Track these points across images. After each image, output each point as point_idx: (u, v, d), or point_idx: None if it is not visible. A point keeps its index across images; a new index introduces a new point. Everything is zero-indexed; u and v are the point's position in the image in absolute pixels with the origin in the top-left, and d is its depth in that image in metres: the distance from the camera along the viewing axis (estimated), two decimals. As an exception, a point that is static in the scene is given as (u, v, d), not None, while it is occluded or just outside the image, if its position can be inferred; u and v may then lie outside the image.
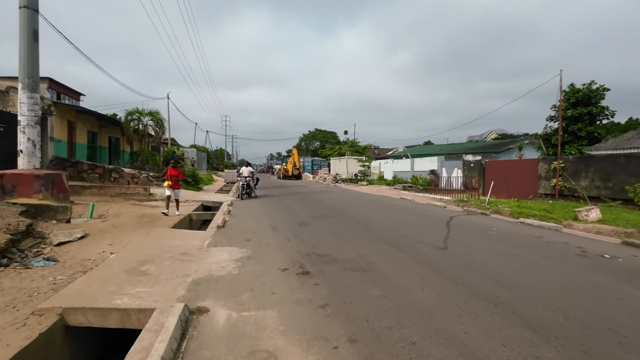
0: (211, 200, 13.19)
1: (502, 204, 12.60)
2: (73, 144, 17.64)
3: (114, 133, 22.07)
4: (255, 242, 6.07)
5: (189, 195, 14.17)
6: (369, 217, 9.08)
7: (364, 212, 10.11)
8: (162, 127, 21.52)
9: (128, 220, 7.24)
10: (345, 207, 11.34)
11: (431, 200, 14.03)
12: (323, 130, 64.52)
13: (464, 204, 13.09)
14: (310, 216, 9.19)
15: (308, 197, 15.45)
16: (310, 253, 5.27)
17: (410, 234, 6.87)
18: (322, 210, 10.62)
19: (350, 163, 35.63)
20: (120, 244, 5.53)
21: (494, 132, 60.03)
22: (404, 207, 11.71)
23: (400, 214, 9.86)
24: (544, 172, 17.13)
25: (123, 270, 4.15)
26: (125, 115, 20.20)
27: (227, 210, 9.97)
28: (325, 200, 13.70)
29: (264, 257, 5.03)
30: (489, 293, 3.70)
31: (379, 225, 7.89)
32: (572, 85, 25.16)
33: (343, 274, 4.27)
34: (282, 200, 13.61)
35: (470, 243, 6.15)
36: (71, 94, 25.35)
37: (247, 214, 9.63)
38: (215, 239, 6.29)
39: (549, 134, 27.38)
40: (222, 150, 70.23)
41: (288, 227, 7.54)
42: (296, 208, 11.07)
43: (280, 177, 38.98)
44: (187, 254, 5.07)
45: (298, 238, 6.39)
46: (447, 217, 9.30)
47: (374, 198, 15.06)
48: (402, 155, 38.18)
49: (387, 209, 10.94)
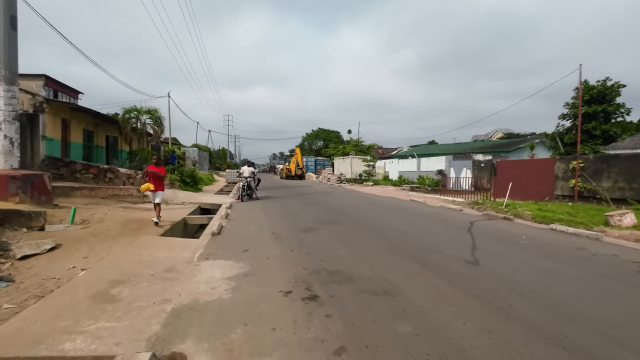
0: (209, 202, 12.42)
1: (520, 206, 11.71)
2: (67, 143, 16.94)
3: (111, 132, 21.38)
4: (253, 253, 5.26)
5: (187, 196, 13.41)
6: (381, 223, 8.24)
7: (375, 217, 9.28)
8: (160, 125, 20.78)
9: (112, 226, 6.45)
10: (353, 210, 10.51)
11: (444, 203, 13.16)
12: (326, 129, 63.68)
13: (479, 207, 12.21)
14: (315, 221, 8.37)
15: (312, 198, 14.64)
16: (318, 269, 4.45)
17: (432, 243, 6.03)
18: (328, 213, 9.80)
19: (355, 163, 34.77)
20: (96, 257, 4.74)
21: (500, 131, 58.99)
22: (417, 210, 10.86)
23: (415, 218, 9.02)
24: (561, 172, 16.18)
25: (88, 295, 3.35)
26: (122, 113, 19.45)
27: (225, 213, 9.18)
28: (330, 202, 12.88)
29: (263, 275, 4.22)
30: (552, 330, 2.86)
31: (394, 232, 7.05)
32: (585, 82, 24.11)
33: (360, 300, 3.44)
34: (284, 202, 12.80)
35: (503, 256, 5.30)
36: (69, 91, 24.70)
37: (246, 218, 8.83)
38: (208, 249, 5.48)
39: (561, 132, 26.38)
40: (224, 150, 69.59)
41: (291, 235, 6.72)
42: (300, 211, 10.26)
43: (283, 177, 38.18)
44: (172, 270, 4.27)
45: (303, 248, 5.57)
46: (467, 222, 8.45)
47: (382, 200, 14.22)
48: (408, 154, 37.27)
49: (399, 213, 10.10)
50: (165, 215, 9.04)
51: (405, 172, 31.58)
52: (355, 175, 32.52)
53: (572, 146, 23.44)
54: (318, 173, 41.90)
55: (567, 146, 24.27)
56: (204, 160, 48.87)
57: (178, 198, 12.58)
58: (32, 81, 21.20)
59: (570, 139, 23.79)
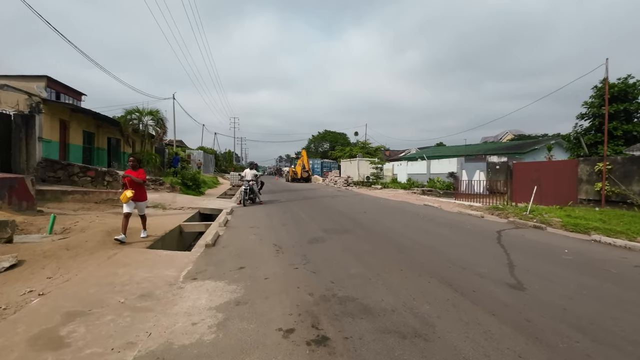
0: (210, 207, 11.68)
1: (546, 212, 10.73)
2: (66, 145, 16.42)
3: (113, 134, 20.89)
4: (250, 271, 4.45)
5: (187, 200, 12.70)
6: (396, 232, 7.36)
7: (388, 224, 8.40)
8: (163, 127, 20.20)
9: (93, 236, 5.70)
10: (364, 217, 9.64)
11: (460, 208, 12.21)
12: (332, 131, 62.84)
13: (500, 212, 11.25)
14: (322, 229, 7.53)
15: (319, 203, 13.81)
16: (327, 295, 3.61)
17: (460, 258, 5.14)
18: (337, 220, 8.95)
19: (362, 165, 33.88)
20: (62, 277, 3.98)
21: (510, 133, 57.61)
22: (434, 216, 9.94)
23: (434, 226, 8.11)
24: (585, 174, 15.13)
25: (29, 336, 2.56)
26: (124, 114, 18.91)
27: (224, 220, 8.40)
28: (338, 207, 12.03)
29: (259, 303, 3.39)
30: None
31: (412, 244, 6.17)
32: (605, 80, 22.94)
33: (385, 345, 2.59)
34: (289, 207, 11.99)
35: (549, 276, 4.39)
36: (71, 93, 24.37)
37: (246, 226, 8.03)
38: (198, 265, 4.69)
39: (579, 133, 25.18)
40: (230, 153, 69.26)
41: (296, 247, 5.90)
42: (306, 217, 9.43)
43: (289, 179, 37.45)
44: (148, 297, 3.48)
45: (309, 265, 4.74)
46: (493, 231, 7.52)
47: (393, 204, 13.32)
48: (417, 156, 36.25)
49: (415, 220, 9.20)
50: (159, 222, 8.31)
51: (414, 174, 30.61)
52: (362, 177, 31.63)
53: (590, 147, 22.20)
54: (324, 176, 41.07)
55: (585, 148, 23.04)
56: (209, 163, 48.49)
57: (177, 202, 11.88)
58: (34, 82, 20.85)
59: (590, 140, 22.55)
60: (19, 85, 15.68)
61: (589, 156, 20.63)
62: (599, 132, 22.81)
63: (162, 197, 12.68)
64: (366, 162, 33.71)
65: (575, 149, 24.86)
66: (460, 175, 25.45)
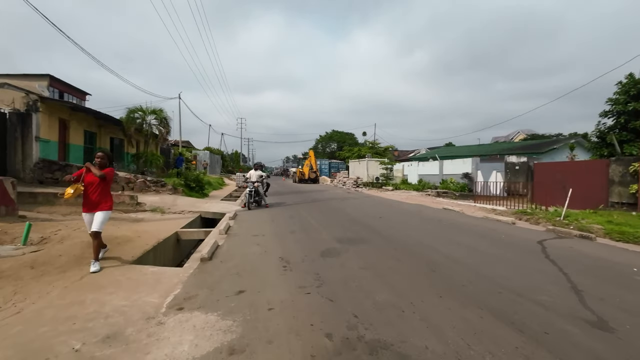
0: (212, 210, 10.86)
1: (582, 217, 9.66)
2: (66, 145, 15.84)
3: (116, 134, 20.32)
4: (251, 297, 3.57)
5: (188, 203, 11.91)
6: (421, 242, 6.40)
7: (410, 232, 7.45)
8: (166, 126, 19.52)
9: (70, 249, 4.89)
10: (380, 223, 8.70)
11: (484, 212, 11.18)
12: (340, 131, 61.87)
13: (529, 217, 10.21)
14: (335, 238, 6.62)
15: (329, 206, 12.90)
16: (350, 338, 2.71)
17: (510, 281, 4.17)
18: (351, 227, 8.03)
19: (371, 165, 32.86)
20: (15, 306, 3.15)
21: (522, 132, 55.91)
22: (458, 222, 8.95)
23: (462, 235, 7.13)
24: (618, 175, 13.92)
25: None
26: (126, 114, 18.28)
27: (225, 226, 7.56)
28: (350, 211, 11.11)
29: (260, 351, 2.50)
30: None
31: (445, 259, 5.21)
32: (630, 75, 21.57)
33: None
34: (297, 211, 11.11)
35: (636, 308, 3.41)
36: (75, 92, 23.93)
37: (250, 234, 7.17)
38: (188, 288, 3.83)
39: (602, 131, 23.82)
40: (237, 153, 68.85)
41: (306, 261, 5.01)
42: (315, 224, 8.54)
43: (296, 180, 36.63)
44: (115, 339, 2.62)
45: (324, 289, 3.84)
46: (533, 241, 6.52)
47: (409, 208, 12.33)
48: (429, 157, 35.10)
49: (438, 227, 8.23)
50: (154, 228, 7.51)
51: (426, 175, 29.51)
52: (371, 178, 30.63)
53: (614, 147, 20.85)
54: (332, 176, 40.15)
55: (609, 147, 21.70)
56: (216, 164, 48.03)
57: (177, 206, 11.10)
58: (35, 81, 20.40)
59: (613, 139, 21.19)
60: (21, 84, 15.13)
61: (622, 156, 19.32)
62: (624, 130, 21.41)
63: (162, 199, 11.92)
64: (375, 163, 32.68)
65: (599, 149, 23.46)
66: (475, 176, 24.30)
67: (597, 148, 22.58)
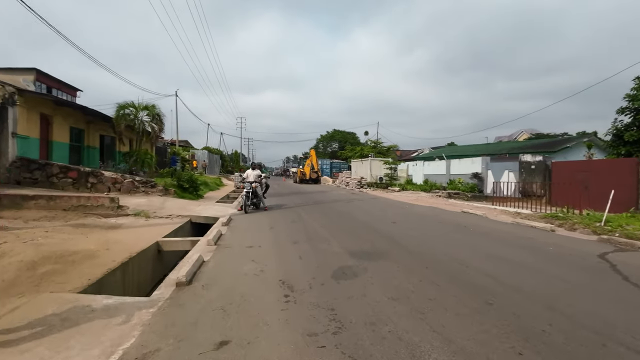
0: (204, 214, 9.66)
1: (626, 222, 8.46)
2: (49, 143, 14.66)
3: (106, 131, 19.10)
4: (236, 356, 2.37)
5: (178, 206, 10.71)
6: (457, 257, 5.18)
7: (435, 242, 6.24)
8: (159, 123, 18.30)
9: (1, 271, 3.68)
10: (397, 230, 7.49)
11: (509, 216, 9.97)
12: (342, 130, 60.64)
13: (563, 223, 9.02)
14: (349, 251, 5.41)
15: (333, 209, 11.69)
16: None
17: (611, 325, 2.95)
18: (363, 235, 6.82)
19: (375, 165, 31.65)
20: None
21: (525, 132, 54.74)
22: (487, 230, 7.73)
23: (503, 248, 5.89)
24: (649, 175, 12.70)
25: None
26: (116, 109, 17.06)
27: (216, 235, 6.35)
28: (359, 215, 9.90)
29: None
30: None
31: (501, 286, 3.98)
32: None
33: None
34: (299, 215, 9.90)
35: None
36: (65, 88, 22.72)
37: (244, 244, 5.96)
38: (146, 337, 2.62)
39: (619, 129, 22.57)
40: (237, 153, 67.69)
41: (314, 287, 3.80)
42: (321, 231, 7.33)
43: (297, 181, 35.42)
44: None
45: (343, 338, 2.63)
46: (592, 255, 5.31)
47: (423, 211, 11.11)
48: (435, 156, 33.87)
49: (468, 236, 7.00)
50: (133, 237, 6.31)
51: (432, 175, 28.33)
52: (375, 179, 29.42)
53: (633, 145, 19.62)
54: (334, 177, 38.95)
55: (627, 145, 20.45)
56: (214, 164, 46.89)
57: (165, 209, 9.90)
58: (20, 75, 19.17)
59: (633, 137, 19.90)
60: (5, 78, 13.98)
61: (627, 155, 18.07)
62: None
63: (149, 202, 10.72)
64: (379, 162, 31.47)
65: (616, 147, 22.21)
66: (485, 176, 23.10)
67: (614, 147, 21.29)
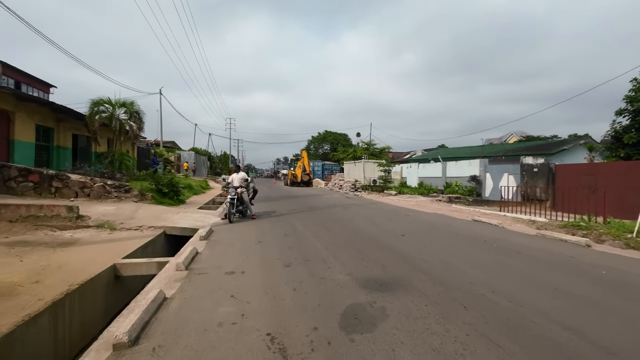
0: (181, 225, 8.32)
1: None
2: (10, 142, 13.09)
3: (81, 130, 17.48)
4: None
5: (152, 215, 9.33)
6: (498, 289, 4.01)
7: (465, 267, 5.08)
8: (138, 121, 16.77)
9: None
10: (410, 246, 6.34)
11: (524, 225, 8.95)
12: (334, 132, 59.56)
13: (588, 233, 8.05)
14: (357, 280, 4.23)
15: (331, 216, 10.50)
16: None
17: None
18: (371, 253, 5.65)
19: (368, 167, 30.61)
20: None
21: (514, 134, 54.82)
22: (517, 247, 6.63)
23: (548, 273, 4.77)
24: (664, 179, 11.93)
25: None
26: (90, 106, 15.49)
27: (188, 256, 5.08)
28: (360, 225, 8.72)
29: None
30: None
31: (581, 341, 2.88)
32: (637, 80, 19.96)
33: None
34: (292, 225, 8.67)
35: None
36: (36, 84, 20.95)
37: (223, 269, 4.70)
38: None
39: (618, 131, 22.09)
40: (226, 155, 65.88)
41: (317, 350, 2.59)
42: (320, 247, 6.13)
43: (288, 183, 34.13)
44: None
45: None
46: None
47: (431, 219, 10.01)
48: (430, 158, 33.06)
49: (497, 256, 5.89)
50: (81, 258, 4.99)
51: (427, 177, 27.48)
52: (368, 181, 28.38)
53: (633, 147, 19.04)
54: (327, 179, 37.79)
55: (626, 147, 19.89)
56: (202, 165, 45.21)
57: (136, 218, 8.54)
58: (-18, 68, 17.49)
59: (632, 139, 19.35)
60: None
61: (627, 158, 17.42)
62: None
63: (119, 209, 9.32)
64: (373, 165, 30.44)
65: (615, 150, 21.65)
66: (483, 179, 22.32)
67: (613, 149, 20.70)
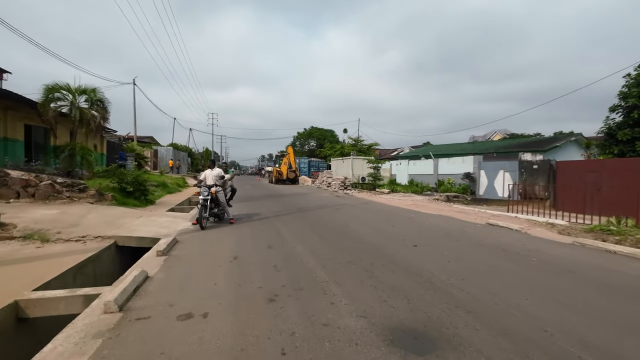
0: (138, 235, 6.63)
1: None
2: None
3: (35, 120, 15.27)
4: None
5: (105, 220, 7.58)
6: (584, 339, 2.75)
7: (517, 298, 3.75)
8: (101, 110, 14.72)
9: None
10: (433, 265, 4.98)
11: (545, 229, 7.80)
12: (320, 128, 58.05)
13: (623, 239, 6.95)
14: (375, 327, 2.82)
15: (323, 220, 9.05)
16: None
17: None
18: (387, 279, 4.25)
19: (357, 164, 29.35)
20: None
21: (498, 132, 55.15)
22: (559, 261, 5.37)
23: (620, 301, 3.56)
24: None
25: None
26: (43, 92, 13.39)
27: (129, 288, 3.52)
28: (360, 231, 7.32)
29: None
30: None
31: None
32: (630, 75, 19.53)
33: None
34: (278, 232, 7.17)
35: None
36: (-15, 68, 18.52)
37: (176, 312, 3.15)
38: None
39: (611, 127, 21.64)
40: (208, 151, 63.22)
41: None
42: (315, 266, 4.67)
43: (273, 181, 32.41)
44: None
45: None
46: None
47: (441, 224, 8.70)
48: (421, 155, 32.11)
49: (543, 276, 4.60)
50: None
51: (418, 175, 26.50)
52: (357, 178, 27.13)
53: (627, 144, 18.47)
54: (313, 176, 36.29)
55: (619, 144, 19.33)
56: (182, 162, 42.83)
57: (83, 225, 6.82)
58: None
59: (626, 135, 18.71)
60: None
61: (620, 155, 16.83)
62: (637, 126, 18.99)
63: (62, 214, 7.53)
64: (362, 161, 29.21)
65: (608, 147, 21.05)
66: (478, 177, 21.39)
67: (607, 146, 20.09)
